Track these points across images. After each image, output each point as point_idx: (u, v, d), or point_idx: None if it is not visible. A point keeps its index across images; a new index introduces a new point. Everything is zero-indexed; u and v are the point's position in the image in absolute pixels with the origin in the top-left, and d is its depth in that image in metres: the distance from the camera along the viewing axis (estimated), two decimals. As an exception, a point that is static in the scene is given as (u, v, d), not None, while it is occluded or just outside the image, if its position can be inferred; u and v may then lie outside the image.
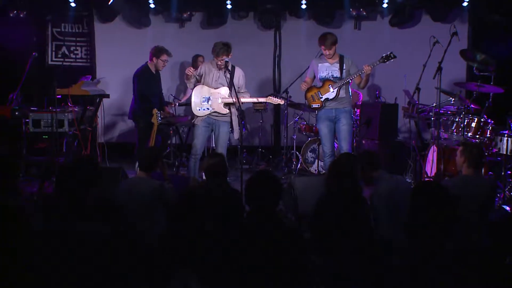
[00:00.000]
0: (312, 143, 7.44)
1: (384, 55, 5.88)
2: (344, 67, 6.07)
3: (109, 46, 9.23)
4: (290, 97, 7.74)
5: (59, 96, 5.64)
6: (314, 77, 6.20)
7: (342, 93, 6.03)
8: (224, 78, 5.79)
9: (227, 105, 5.83)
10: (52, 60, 9.72)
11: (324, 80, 6.07)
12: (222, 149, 5.84)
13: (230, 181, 7.05)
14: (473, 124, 5.80)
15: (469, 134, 5.79)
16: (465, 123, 5.81)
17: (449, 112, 6.21)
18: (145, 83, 6.46)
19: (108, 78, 8.76)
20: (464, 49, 6.42)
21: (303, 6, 8.53)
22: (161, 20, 9.23)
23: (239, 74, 5.95)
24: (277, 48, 9.24)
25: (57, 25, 9.54)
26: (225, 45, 5.72)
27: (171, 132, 7.06)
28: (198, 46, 8.85)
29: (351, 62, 6.13)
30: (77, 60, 9.75)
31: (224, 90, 5.81)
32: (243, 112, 5.39)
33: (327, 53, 6.03)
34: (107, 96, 6.20)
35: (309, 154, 7.49)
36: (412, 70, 6.77)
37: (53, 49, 9.71)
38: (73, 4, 8.60)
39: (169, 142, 7.59)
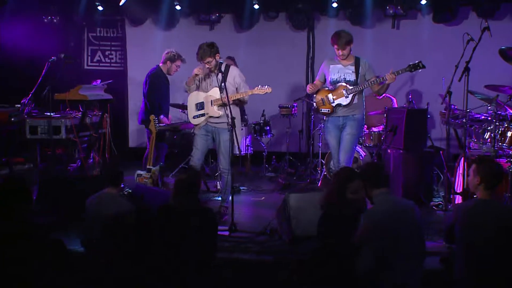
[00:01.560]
0: (336, 151, 6.88)
1: (411, 63, 5.24)
2: (360, 71, 5.50)
3: (140, 49, 9.16)
4: (311, 101, 7.27)
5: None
6: (325, 80, 5.70)
7: (355, 99, 5.49)
8: (217, 81, 5.34)
9: (220, 106, 5.31)
10: (88, 65, 9.81)
11: (337, 83, 5.54)
12: (224, 158, 5.37)
13: (246, 190, 6.80)
14: (509, 134, 5.05)
15: (504, 144, 5.05)
16: (500, 132, 5.08)
17: (482, 118, 5.47)
18: (159, 87, 6.24)
19: (140, 81, 8.68)
20: (504, 47, 5.64)
21: (334, 5, 7.99)
22: (191, 22, 9.04)
23: (234, 73, 5.42)
24: (310, 50, 8.77)
25: (93, 30, 9.62)
26: (209, 46, 5.24)
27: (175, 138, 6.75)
28: (229, 48, 8.60)
29: (368, 66, 5.54)
30: (112, 64, 9.77)
31: (214, 91, 5.33)
32: (234, 119, 4.95)
33: (340, 53, 5.49)
34: (111, 100, 5.98)
35: (331, 164, 6.93)
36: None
37: (89, 53, 9.79)
38: (100, 8, 8.54)
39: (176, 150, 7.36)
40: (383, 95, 7.29)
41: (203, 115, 5.38)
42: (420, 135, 5.92)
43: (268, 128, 7.69)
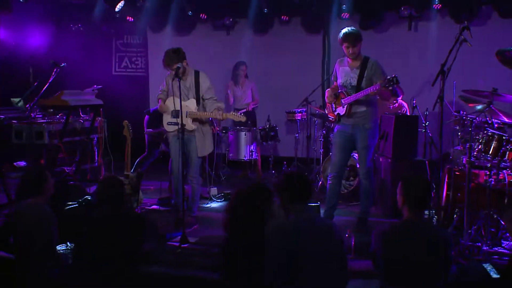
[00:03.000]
0: (333, 158, 6.65)
1: (388, 77, 4.69)
2: (365, 74, 4.98)
3: (160, 55, 9.31)
4: (311, 106, 7.11)
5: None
6: None
7: (360, 108, 5.05)
8: (192, 88, 5.23)
9: (195, 120, 5.20)
10: (115, 71, 10.17)
11: (343, 88, 5.17)
12: (192, 165, 5.26)
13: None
14: (494, 144, 4.63)
15: (488, 155, 4.63)
16: (483, 141, 4.68)
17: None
18: None
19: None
20: (503, 48, 5.20)
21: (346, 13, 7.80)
22: (208, 28, 9.12)
23: (203, 79, 5.26)
24: (325, 53, 8.56)
25: (120, 37, 9.94)
26: (175, 52, 5.13)
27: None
28: (245, 52, 8.61)
29: (375, 68, 4.98)
30: (138, 70, 10.08)
31: (191, 102, 5.20)
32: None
33: (351, 51, 4.96)
34: (99, 106, 6.08)
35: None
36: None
37: (117, 60, 10.14)
38: (128, 18, 8.78)
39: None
40: (395, 101, 6.99)
41: (177, 123, 5.14)
42: (410, 143, 5.57)
43: (273, 133, 7.57)
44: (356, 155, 6.51)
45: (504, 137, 4.56)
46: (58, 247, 4.24)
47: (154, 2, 8.41)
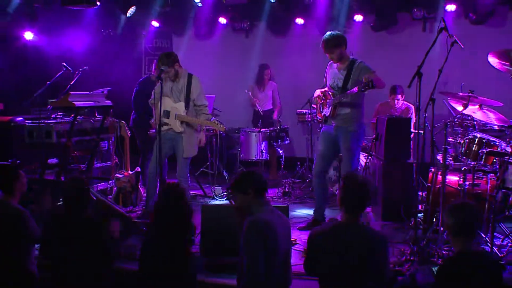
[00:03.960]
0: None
1: (362, 83, 4.75)
2: (351, 76, 5.08)
3: (183, 58, 9.62)
4: (313, 108, 7.16)
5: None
6: None
7: (344, 110, 5.12)
8: (184, 91, 5.42)
9: (183, 123, 5.40)
10: (145, 73, 10.57)
11: (330, 90, 5.27)
12: (180, 165, 5.46)
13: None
14: (475, 147, 4.57)
15: (469, 159, 4.57)
16: (466, 144, 4.62)
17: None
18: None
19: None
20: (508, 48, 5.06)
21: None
22: (228, 31, 9.33)
23: (194, 84, 5.46)
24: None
25: (149, 41, 10.35)
26: (167, 56, 5.35)
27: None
28: (265, 54, 8.79)
29: (361, 68, 5.04)
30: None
31: (180, 105, 5.40)
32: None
33: (328, 57, 5.19)
34: (108, 107, 6.41)
35: (332, 172, 6.75)
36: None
37: (146, 63, 10.56)
38: (155, 23, 9.18)
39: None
40: (402, 103, 6.94)
41: (166, 124, 5.38)
42: (403, 145, 5.55)
43: (283, 134, 7.69)
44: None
45: (483, 140, 4.50)
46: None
47: (177, 7, 8.76)
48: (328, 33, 5.18)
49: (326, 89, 5.38)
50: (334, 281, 3.08)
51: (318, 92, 5.41)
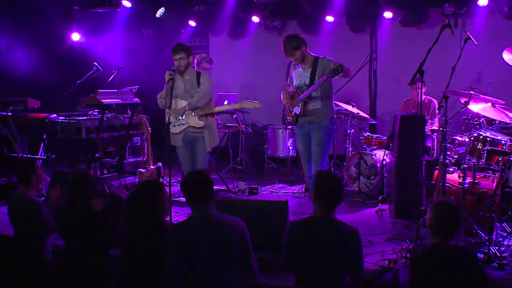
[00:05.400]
0: (355, 157, 6.73)
1: (332, 68, 4.81)
2: (317, 71, 5.13)
3: (220, 57, 9.92)
4: (353, 105, 7.19)
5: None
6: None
7: (315, 105, 5.19)
8: (192, 86, 5.49)
9: (202, 116, 5.46)
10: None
11: (298, 89, 5.32)
12: (204, 162, 5.52)
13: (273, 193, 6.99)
14: (479, 145, 4.50)
15: (473, 158, 4.52)
16: (471, 143, 4.57)
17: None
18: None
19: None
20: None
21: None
22: (261, 30, 9.49)
23: (203, 78, 5.55)
24: (372, 52, 8.55)
25: (188, 40, 10.66)
26: (183, 45, 5.48)
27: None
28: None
29: (326, 62, 5.12)
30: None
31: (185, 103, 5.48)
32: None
33: (291, 59, 5.29)
34: (136, 104, 6.74)
35: (353, 169, 6.78)
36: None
37: (184, 61, 10.89)
38: (192, 23, 9.48)
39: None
40: (425, 97, 6.85)
41: (183, 123, 5.44)
42: (415, 143, 5.50)
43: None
44: (375, 153, 6.58)
45: (487, 139, 4.44)
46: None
47: (213, 8, 9.03)
48: (286, 36, 5.34)
49: (290, 88, 5.46)
50: (308, 275, 3.18)
51: (285, 93, 5.44)
